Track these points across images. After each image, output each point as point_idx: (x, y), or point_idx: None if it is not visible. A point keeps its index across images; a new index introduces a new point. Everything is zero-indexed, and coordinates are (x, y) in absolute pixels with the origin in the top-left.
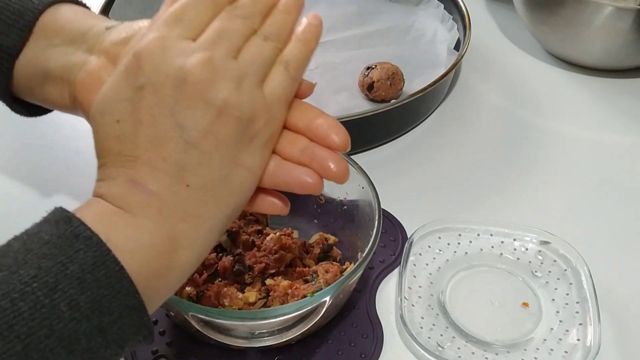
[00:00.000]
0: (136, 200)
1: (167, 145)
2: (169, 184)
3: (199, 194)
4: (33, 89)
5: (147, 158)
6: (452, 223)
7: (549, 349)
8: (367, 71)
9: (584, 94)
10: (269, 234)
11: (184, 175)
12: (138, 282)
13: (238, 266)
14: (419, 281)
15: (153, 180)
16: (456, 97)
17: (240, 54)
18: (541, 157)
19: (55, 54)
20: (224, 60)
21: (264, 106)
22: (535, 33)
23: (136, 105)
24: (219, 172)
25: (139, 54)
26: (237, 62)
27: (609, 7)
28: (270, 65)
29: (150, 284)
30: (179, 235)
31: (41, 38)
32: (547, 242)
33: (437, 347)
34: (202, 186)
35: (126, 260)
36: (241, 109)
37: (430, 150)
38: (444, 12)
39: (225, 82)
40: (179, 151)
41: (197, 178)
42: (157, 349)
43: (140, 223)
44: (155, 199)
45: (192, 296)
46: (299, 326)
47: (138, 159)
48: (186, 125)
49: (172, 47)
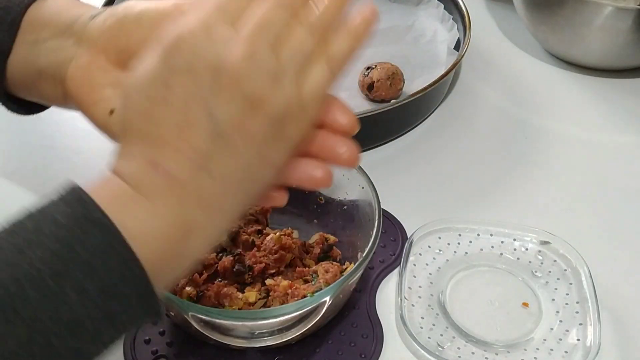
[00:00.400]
0: (155, 183)
1: (195, 132)
2: (192, 170)
3: (220, 185)
4: (28, 86)
5: (173, 141)
6: (452, 223)
7: (549, 349)
8: (367, 71)
9: (584, 94)
10: (269, 234)
11: (208, 165)
12: (148, 267)
13: (238, 266)
14: (419, 281)
15: (175, 164)
16: (456, 97)
17: (282, 46)
18: (541, 157)
19: (44, 50)
20: (264, 53)
21: (299, 106)
22: (535, 33)
23: (171, 87)
24: (243, 166)
25: (181, 37)
26: (278, 56)
27: (609, 7)
28: (312, 59)
29: (160, 269)
30: (194, 224)
31: (29, 33)
32: (547, 242)
33: (437, 347)
34: (224, 177)
35: (138, 246)
36: (276, 108)
37: (430, 150)
38: (444, 12)
39: (263, 78)
40: (206, 140)
41: (221, 169)
42: (157, 349)
43: (156, 208)
44: (175, 184)
45: (192, 296)
46: (299, 326)
47: (164, 141)
48: (218, 115)
49: (215, 33)
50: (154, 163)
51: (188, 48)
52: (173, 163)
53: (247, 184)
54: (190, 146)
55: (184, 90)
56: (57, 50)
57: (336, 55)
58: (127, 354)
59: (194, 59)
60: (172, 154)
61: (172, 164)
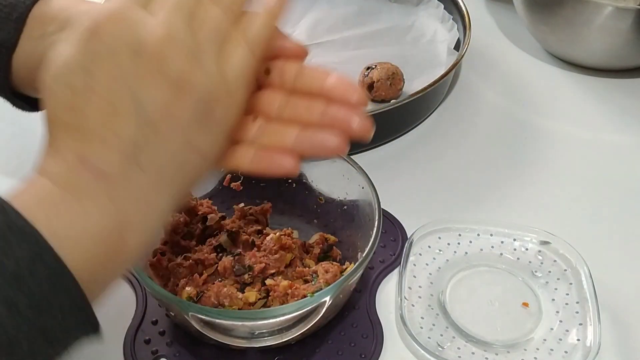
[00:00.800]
0: (83, 182)
1: (122, 121)
2: (121, 163)
3: (151, 177)
4: (34, 80)
5: (99, 132)
6: (452, 223)
7: (549, 349)
8: (367, 71)
9: (584, 94)
10: (269, 234)
11: (137, 155)
12: (81, 273)
13: (238, 266)
14: (419, 281)
15: (103, 158)
16: (456, 97)
17: (198, 26)
18: (541, 157)
19: (50, 43)
20: (181, 32)
21: (224, 88)
22: (535, 33)
23: (92, 74)
24: (172, 155)
25: (98, 21)
26: (196, 36)
27: (609, 7)
28: (231, 40)
29: (95, 273)
30: (128, 221)
31: (35, 28)
32: (547, 242)
33: (437, 347)
34: (154, 169)
35: (69, 251)
36: (200, 88)
37: (430, 150)
38: (444, 12)
39: (182, 57)
40: (133, 127)
41: (150, 160)
42: (157, 349)
43: (86, 208)
44: (104, 181)
45: (192, 296)
46: (299, 326)
47: (89, 132)
48: (143, 100)
49: (131, 17)
50: (81, 159)
51: (107, 32)
52: (102, 157)
53: (178, 175)
54: (117, 136)
55: (107, 75)
56: None
57: (255, 36)
58: (127, 354)
59: (114, 42)
60: (99, 147)
61: (101, 158)
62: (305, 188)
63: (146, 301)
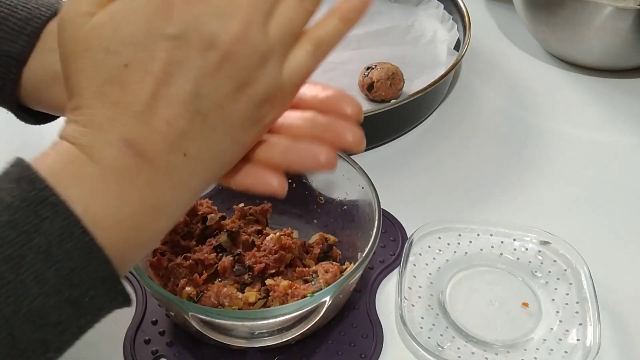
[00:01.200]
0: (126, 165)
1: (175, 109)
2: (166, 150)
3: (192, 164)
4: (41, 93)
5: (150, 117)
6: (452, 223)
7: (548, 349)
8: (367, 71)
9: (584, 94)
10: (269, 234)
11: (183, 144)
12: (111, 251)
13: (238, 266)
14: (419, 281)
15: (152, 145)
16: (456, 97)
17: (273, 22)
18: (541, 157)
19: None
20: (257, 35)
21: (279, 90)
22: (535, 33)
23: (154, 55)
24: (217, 146)
25: None
26: (268, 35)
27: (609, 7)
28: (299, 36)
29: (125, 252)
30: (163, 205)
31: (48, 42)
32: (547, 242)
33: (437, 347)
34: (197, 157)
35: (103, 230)
36: (259, 90)
37: (430, 150)
38: (444, 12)
39: (252, 59)
40: (185, 118)
41: (195, 148)
42: (157, 349)
43: (125, 192)
44: (148, 167)
45: (192, 296)
46: (299, 326)
47: (139, 115)
48: (202, 93)
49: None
50: (128, 142)
51: (180, 14)
52: (148, 142)
53: (217, 163)
54: (168, 124)
55: (170, 61)
56: None
57: (324, 37)
58: (127, 354)
59: (185, 28)
60: (147, 132)
61: (147, 143)
62: (305, 188)
63: (146, 301)
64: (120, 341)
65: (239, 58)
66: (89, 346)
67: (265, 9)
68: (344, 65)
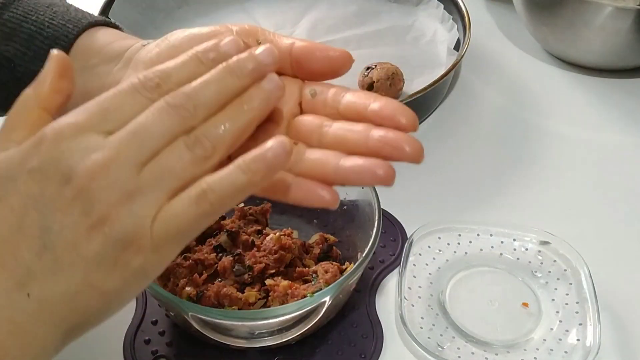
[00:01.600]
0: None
1: (23, 243)
2: (10, 289)
3: (36, 307)
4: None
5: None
6: (452, 223)
7: (548, 349)
8: (367, 71)
9: (584, 94)
10: (268, 234)
11: (28, 283)
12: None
13: (238, 266)
14: (418, 281)
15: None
16: (456, 97)
17: (152, 161)
18: (541, 157)
19: (91, 75)
20: (123, 168)
21: (146, 234)
22: (535, 33)
23: (16, 187)
24: (64, 287)
25: (44, 134)
26: (141, 174)
27: (609, 7)
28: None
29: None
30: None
31: (78, 60)
32: (547, 242)
33: (437, 347)
34: (41, 299)
35: None
36: (115, 229)
37: (430, 151)
38: (443, 12)
39: (112, 195)
40: (33, 253)
41: (40, 289)
42: (157, 349)
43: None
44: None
45: (192, 296)
46: (299, 326)
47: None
48: (52, 228)
49: (79, 138)
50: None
51: (46, 149)
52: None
53: (66, 308)
54: (15, 259)
55: (28, 193)
56: (105, 74)
57: (214, 188)
58: (127, 354)
59: (47, 162)
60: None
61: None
62: None
63: (146, 301)
64: (120, 341)
65: (95, 193)
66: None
67: (142, 149)
68: None
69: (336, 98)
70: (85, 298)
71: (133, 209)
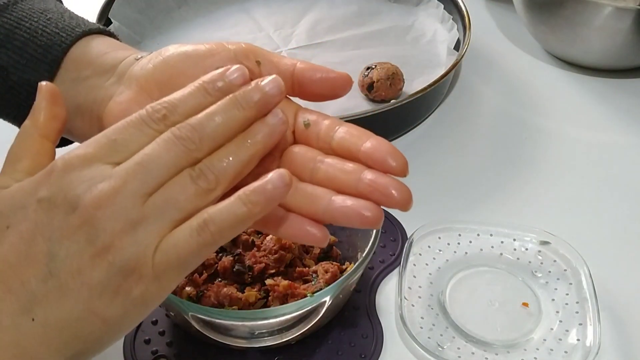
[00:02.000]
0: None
1: (30, 269)
2: (16, 313)
3: (40, 332)
4: None
5: (7, 277)
6: (452, 223)
7: (548, 349)
8: (367, 71)
9: (584, 94)
10: (268, 233)
11: (33, 308)
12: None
13: (238, 266)
14: (419, 281)
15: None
16: (456, 97)
17: (157, 192)
18: (541, 157)
19: (85, 87)
20: (129, 198)
21: (148, 263)
22: (535, 33)
23: (26, 215)
24: (68, 314)
25: (55, 165)
26: (146, 204)
27: (608, 7)
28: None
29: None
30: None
31: (71, 71)
32: (547, 242)
33: (437, 347)
34: (46, 324)
35: None
36: (119, 257)
37: (430, 151)
38: (443, 12)
39: (116, 224)
40: (39, 279)
41: (44, 314)
42: (157, 349)
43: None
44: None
45: (192, 296)
46: (299, 326)
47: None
48: (58, 255)
49: (87, 169)
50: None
51: (55, 179)
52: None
53: (69, 335)
54: (22, 284)
55: (37, 222)
56: (97, 88)
57: (215, 219)
58: (127, 354)
59: (56, 192)
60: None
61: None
62: None
63: None
64: (120, 341)
65: (100, 222)
66: None
67: (147, 179)
68: (344, 65)
69: (329, 133)
70: (88, 324)
71: (136, 238)
